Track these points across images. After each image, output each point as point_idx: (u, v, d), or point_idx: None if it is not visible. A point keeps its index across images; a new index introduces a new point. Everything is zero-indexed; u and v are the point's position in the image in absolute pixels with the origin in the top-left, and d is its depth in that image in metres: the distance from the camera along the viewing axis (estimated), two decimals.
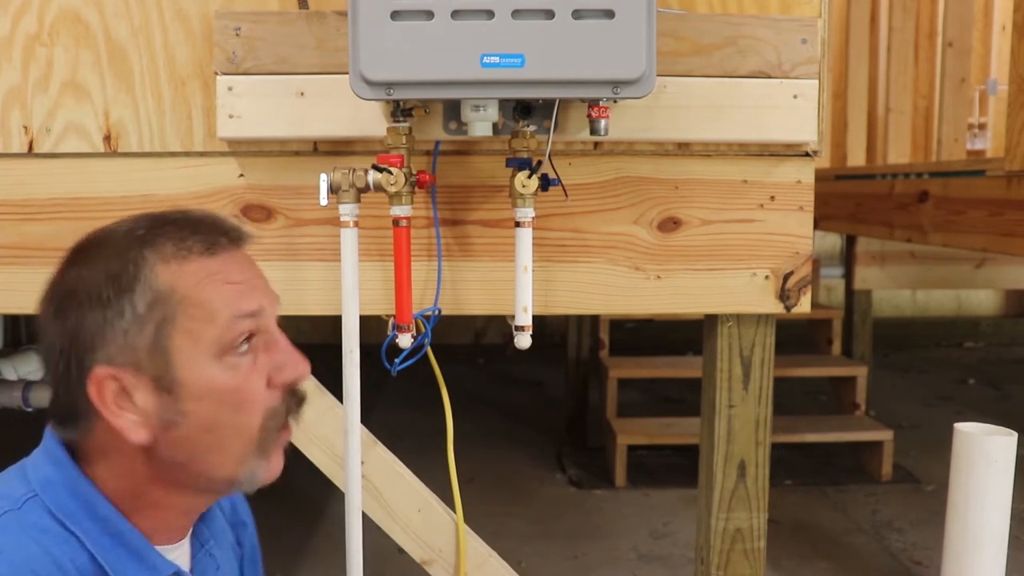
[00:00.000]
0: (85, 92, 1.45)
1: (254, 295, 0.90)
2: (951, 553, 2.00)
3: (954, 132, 3.96)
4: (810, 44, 1.43)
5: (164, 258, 0.87)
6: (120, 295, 0.85)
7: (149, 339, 0.85)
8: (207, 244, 0.89)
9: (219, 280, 0.88)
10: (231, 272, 0.89)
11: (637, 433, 3.61)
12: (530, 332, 1.43)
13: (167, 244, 0.88)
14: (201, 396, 0.86)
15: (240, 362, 0.87)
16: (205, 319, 0.86)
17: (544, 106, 1.36)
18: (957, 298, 6.77)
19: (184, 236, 0.89)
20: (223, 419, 0.87)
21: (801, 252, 1.51)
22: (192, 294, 0.86)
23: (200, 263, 0.88)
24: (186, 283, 0.86)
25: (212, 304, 0.86)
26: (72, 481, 0.88)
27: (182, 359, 0.85)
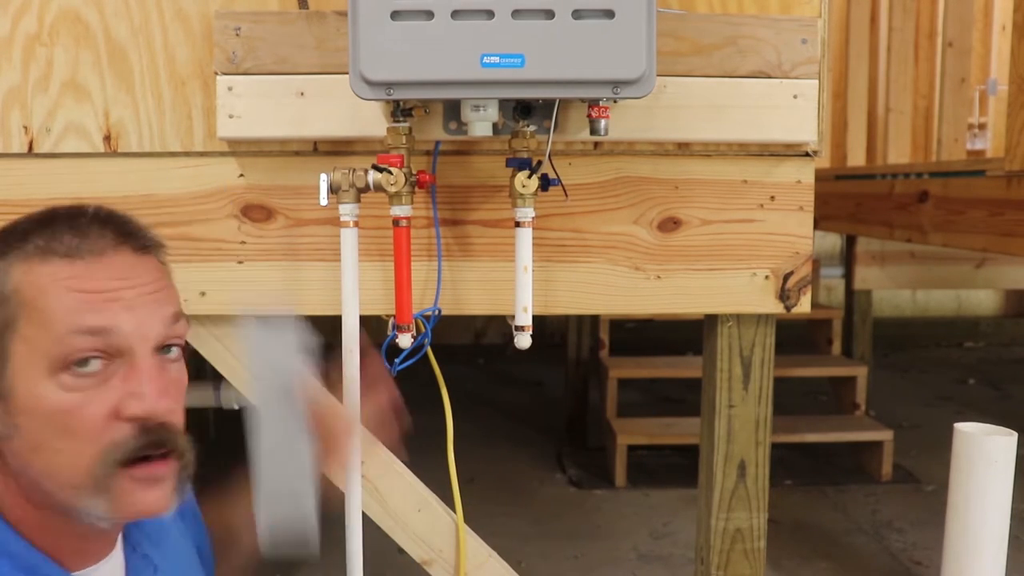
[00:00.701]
0: (85, 92, 1.45)
1: (109, 309, 0.79)
2: (951, 553, 2.00)
3: (954, 132, 3.96)
4: (810, 44, 1.43)
5: (25, 256, 0.80)
6: None
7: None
8: (73, 246, 0.80)
9: (68, 287, 0.79)
10: (91, 280, 0.79)
11: (637, 433, 3.61)
12: (530, 332, 1.43)
13: (36, 241, 0.80)
14: (29, 411, 0.78)
15: (78, 383, 0.78)
16: (41, 328, 0.78)
17: (544, 106, 1.36)
18: (957, 298, 6.77)
19: (56, 235, 0.81)
20: (49, 442, 0.78)
21: (801, 252, 1.51)
22: (34, 298, 0.78)
23: (56, 266, 0.79)
24: (33, 285, 0.79)
25: (50, 312, 0.78)
26: None
27: (16, 367, 0.79)
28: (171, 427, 0.83)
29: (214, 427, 3.89)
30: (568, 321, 4.08)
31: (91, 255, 0.81)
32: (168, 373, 0.84)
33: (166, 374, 0.83)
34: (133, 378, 0.80)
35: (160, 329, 0.83)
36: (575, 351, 4.05)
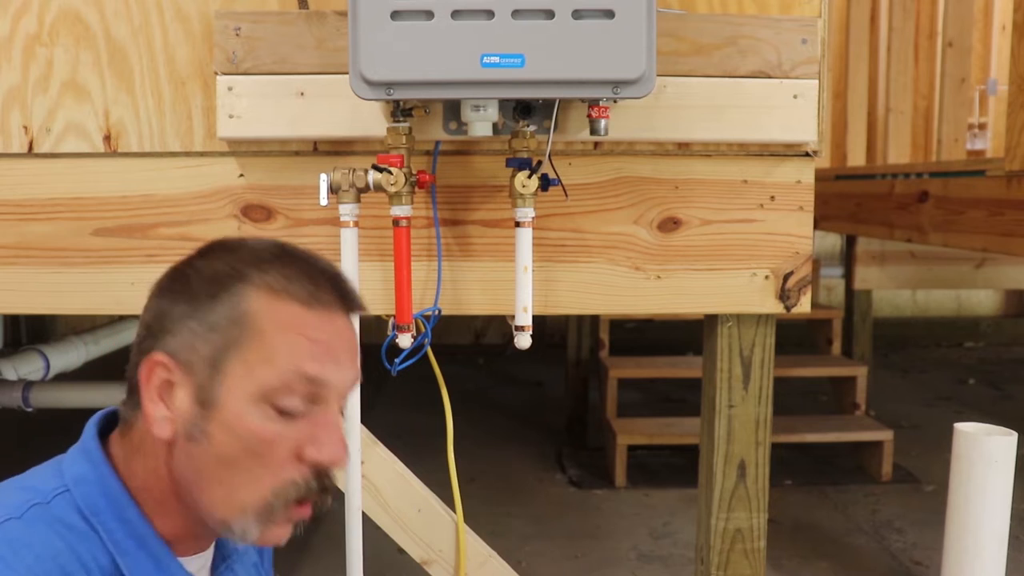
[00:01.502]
0: (85, 92, 1.45)
1: (327, 364, 0.87)
2: (951, 553, 2.00)
3: (954, 132, 3.96)
4: (810, 44, 1.43)
5: (265, 286, 0.86)
6: (210, 299, 0.86)
7: (211, 350, 0.85)
8: (311, 295, 0.87)
9: (300, 333, 0.86)
10: (318, 331, 0.87)
11: (637, 433, 3.61)
12: (530, 332, 1.43)
13: (276, 276, 0.87)
14: (228, 427, 0.84)
15: (278, 418, 0.85)
16: (265, 360, 0.85)
17: (544, 106, 1.36)
18: (957, 298, 6.77)
19: (295, 277, 0.88)
20: (238, 460, 0.85)
21: (801, 252, 1.51)
22: (268, 332, 0.85)
23: (293, 309, 0.86)
24: (269, 319, 0.86)
25: (279, 350, 0.85)
26: (104, 480, 0.88)
27: (229, 384, 0.85)
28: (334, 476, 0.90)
29: None
30: (568, 321, 4.08)
31: (323, 309, 0.88)
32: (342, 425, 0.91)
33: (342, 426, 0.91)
34: (323, 427, 0.87)
35: (349, 389, 0.91)
36: (575, 351, 4.05)
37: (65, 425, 1.34)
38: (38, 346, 2.42)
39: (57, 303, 1.49)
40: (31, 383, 2.22)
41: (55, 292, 1.48)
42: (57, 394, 2.25)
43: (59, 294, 1.48)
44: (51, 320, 5.53)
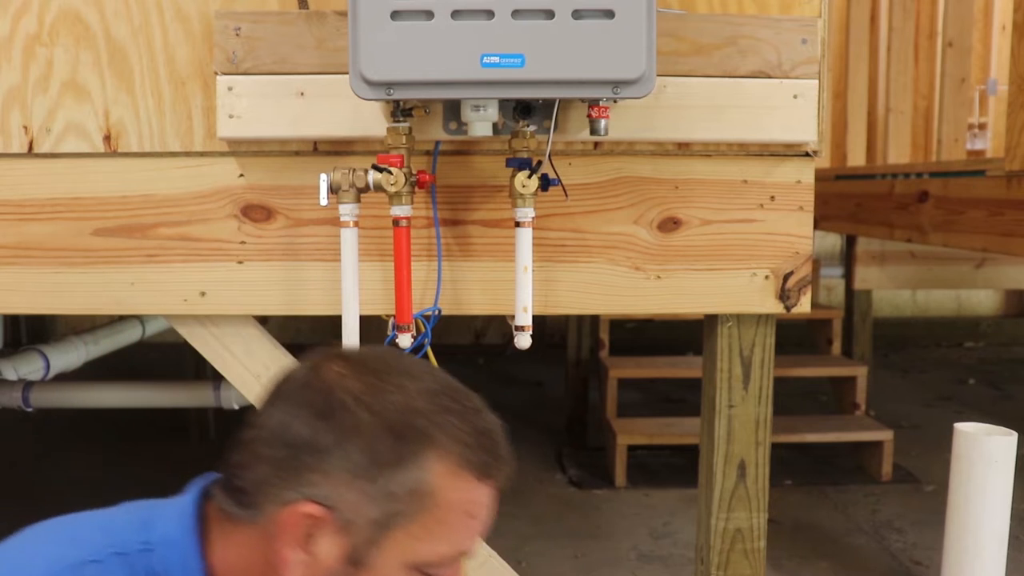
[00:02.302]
0: (85, 92, 1.45)
1: (477, 537, 0.87)
2: (951, 553, 2.00)
3: (954, 132, 3.96)
4: (810, 44, 1.43)
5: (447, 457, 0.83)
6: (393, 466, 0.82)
7: (379, 515, 0.82)
8: (485, 471, 0.85)
9: (469, 513, 0.85)
10: (481, 509, 0.86)
11: (637, 433, 3.61)
12: (530, 332, 1.43)
13: (455, 443, 0.84)
14: None
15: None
16: (433, 537, 0.83)
17: (544, 106, 1.36)
18: (957, 298, 6.77)
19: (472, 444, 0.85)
20: None
21: (801, 252, 1.51)
22: (442, 509, 0.83)
23: (471, 487, 0.85)
24: (447, 498, 0.83)
25: (450, 530, 0.84)
26: (188, 554, 0.86)
27: (387, 549, 0.82)
28: None
29: (214, 427, 3.89)
30: (568, 321, 4.08)
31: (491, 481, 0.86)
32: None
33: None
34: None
35: None
36: (575, 351, 4.05)
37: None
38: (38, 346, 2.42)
39: (57, 303, 1.49)
40: (31, 383, 2.22)
41: (55, 292, 1.48)
42: (57, 394, 2.25)
43: (59, 294, 1.48)
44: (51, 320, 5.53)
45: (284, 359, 1.55)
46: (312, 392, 0.85)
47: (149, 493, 1.01)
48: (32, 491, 3.25)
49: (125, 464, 3.56)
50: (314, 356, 0.89)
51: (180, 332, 1.54)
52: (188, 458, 3.74)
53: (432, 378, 0.88)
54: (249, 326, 1.54)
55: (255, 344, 1.54)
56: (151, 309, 1.50)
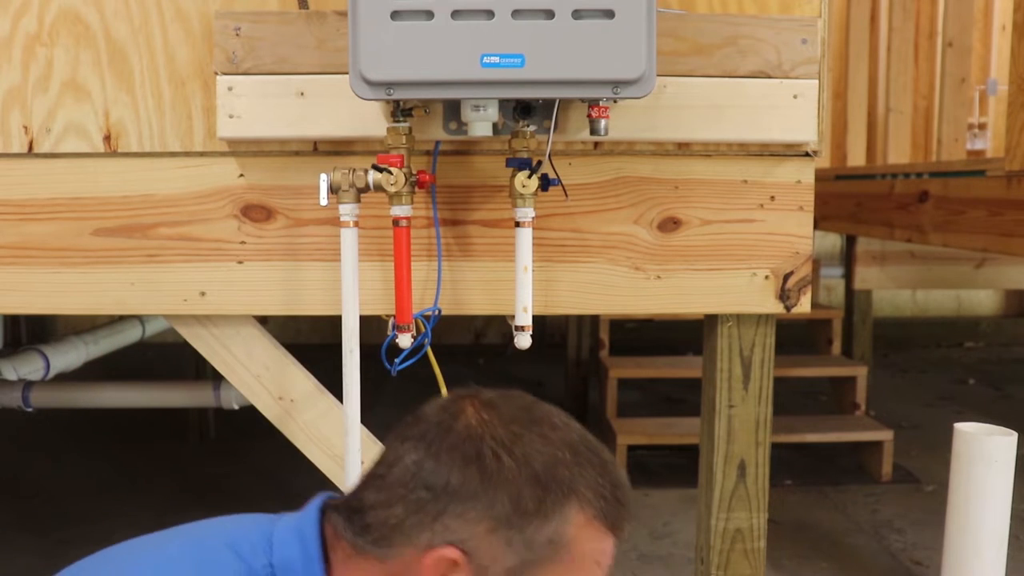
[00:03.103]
0: (85, 92, 1.45)
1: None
2: (951, 553, 2.00)
3: (954, 132, 3.96)
4: (810, 44, 1.43)
5: (586, 509, 0.84)
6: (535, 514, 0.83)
7: (516, 564, 0.83)
8: (616, 523, 0.87)
9: (598, 563, 0.86)
10: (607, 559, 0.87)
11: (637, 433, 3.61)
12: (530, 332, 1.43)
13: (595, 499, 0.85)
14: None
15: None
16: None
17: (544, 106, 1.36)
18: (957, 298, 6.77)
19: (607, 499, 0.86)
20: None
21: (801, 252, 1.51)
22: (576, 560, 0.84)
23: (602, 538, 0.86)
24: (581, 548, 0.84)
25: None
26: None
27: None
28: None
29: (214, 427, 3.89)
30: (568, 321, 4.08)
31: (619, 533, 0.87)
32: None
33: None
34: None
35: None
36: (575, 351, 4.05)
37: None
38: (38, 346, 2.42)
39: (57, 303, 1.49)
40: (31, 383, 2.22)
41: (55, 292, 1.48)
42: (57, 394, 2.26)
43: (59, 294, 1.48)
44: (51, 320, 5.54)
45: (284, 359, 1.55)
46: (455, 436, 0.85)
47: (150, 493, 1.01)
48: (32, 491, 3.25)
49: (125, 464, 3.56)
50: (449, 397, 0.90)
51: (180, 332, 1.54)
52: (188, 458, 3.74)
53: (570, 429, 0.89)
54: (249, 326, 1.54)
55: (255, 344, 1.54)
56: (151, 309, 1.50)
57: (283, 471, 3.34)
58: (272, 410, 1.56)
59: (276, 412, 1.55)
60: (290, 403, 1.55)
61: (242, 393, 1.56)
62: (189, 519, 1.25)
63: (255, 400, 1.56)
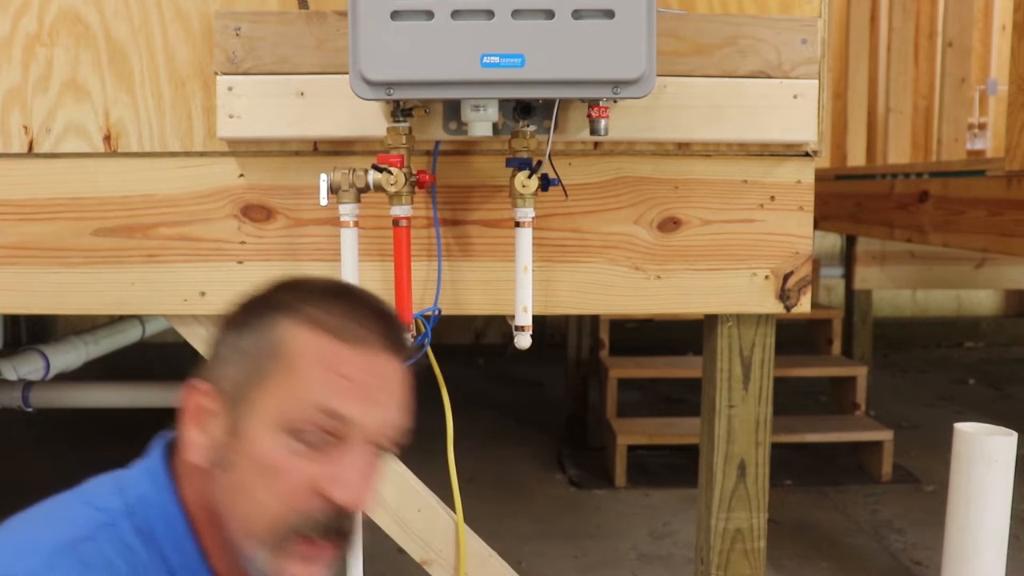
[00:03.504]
0: (85, 92, 1.45)
1: (357, 403, 0.85)
2: (951, 553, 2.00)
3: (954, 132, 3.96)
4: (810, 44, 1.43)
5: (303, 319, 0.86)
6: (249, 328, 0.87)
7: (243, 379, 0.86)
8: (352, 333, 0.86)
9: (331, 368, 0.85)
10: (351, 368, 0.85)
11: (637, 433, 3.61)
12: (530, 332, 1.43)
13: (320, 311, 0.87)
14: (248, 454, 0.84)
15: (298, 449, 0.84)
16: (290, 391, 0.84)
17: (544, 106, 1.36)
18: (957, 298, 6.77)
19: (341, 314, 0.87)
20: (253, 488, 0.84)
21: (801, 252, 1.51)
22: (298, 364, 0.85)
23: (328, 344, 0.85)
24: (300, 351, 0.85)
25: (307, 383, 0.84)
26: (166, 505, 0.89)
27: (254, 412, 0.85)
28: (355, 517, 0.88)
29: None
30: (568, 321, 4.08)
31: (361, 345, 0.86)
32: (374, 469, 0.88)
33: (372, 469, 0.88)
34: (346, 465, 0.84)
35: (385, 433, 0.88)
36: (575, 351, 4.05)
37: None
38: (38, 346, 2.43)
39: (57, 303, 1.49)
40: (31, 383, 2.22)
41: (55, 292, 1.48)
42: (57, 394, 2.26)
43: (59, 294, 1.48)
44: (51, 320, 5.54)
45: None
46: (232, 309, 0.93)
47: None
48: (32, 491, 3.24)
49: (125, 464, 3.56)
50: None
51: (180, 332, 1.54)
52: None
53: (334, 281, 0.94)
54: None
55: None
56: (151, 309, 1.50)
57: None
58: None
59: None
60: None
61: None
62: None
63: None
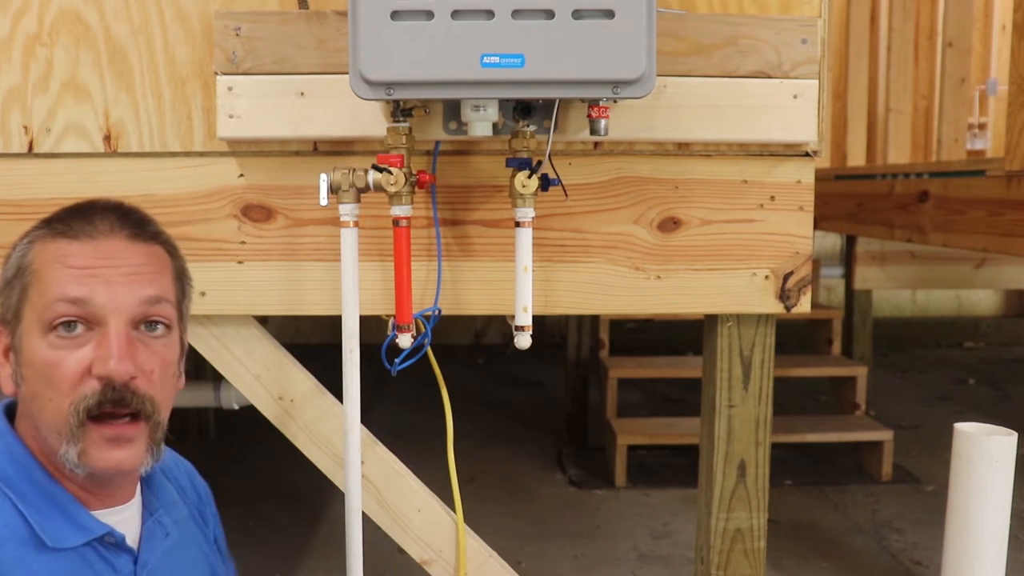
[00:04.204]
0: (85, 92, 1.45)
1: (88, 283, 0.93)
2: (951, 553, 2.00)
3: (954, 132, 3.96)
4: (810, 44, 1.43)
5: (43, 235, 0.96)
6: (11, 260, 0.97)
7: (12, 304, 0.96)
8: (73, 229, 0.95)
9: (61, 263, 0.94)
10: (79, 258, 0.94)
11: (637, 433, 3.61)
12: (530, 332, 1.43)
13: (55, 223, 0.97)
14: (28, 364, 0.94)
15: (62, 343, 0.93)
16: (40, 295, 0.94)
17: (544, 106, 1.36)
18: (957, 298, 6.78)
19: (70, 219, 0.96)
20: (40, 391, 0.93)
21: (801, 252, 1.51)
22: (39, 270, 0.95)
23: (59, 245, 0.95)
24: (40, 260, 0.95)
25: (46, 282, 0.94)
26: (10, 448, 0.96)
27: (24, 327, 0.95)
28: (136, 390, 0.94)
29: (214, 427, 3.89)
30: (568, 321, 4.08)
31: (87, 237, 0.95)
32: (148, 347, 0.96)
33: (143, 346, 0.96)
34: (103, 344, 0.93)
35: (135, 306, 0.95)
36: (575, 351, 4.05)
37: None
38: None
39: None
40: None
41: None
42: None
43: None
44: None
45: (284, 359, 1.55)
46: None
47: None
48: None
49: None
50: None
51: None
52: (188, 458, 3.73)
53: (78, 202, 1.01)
54: (249, 326, 1.54)
55: (255, 344, 1.54)
56: None
57: (283, 471, 3.34)
58: (272, 410, 1.56)
59: (276, 412, 1.56)
60: (290, 403, 1.55)
61: (242, 393, 1.56)
62: None
63: (255, 400, 1.56)
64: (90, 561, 0.95)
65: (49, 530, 0.92)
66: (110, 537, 0.97)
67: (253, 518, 3.05)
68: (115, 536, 0.97)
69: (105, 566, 0.97)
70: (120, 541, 0.98)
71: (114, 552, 0.98)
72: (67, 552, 0.93)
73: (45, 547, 0.92)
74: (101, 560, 0.96)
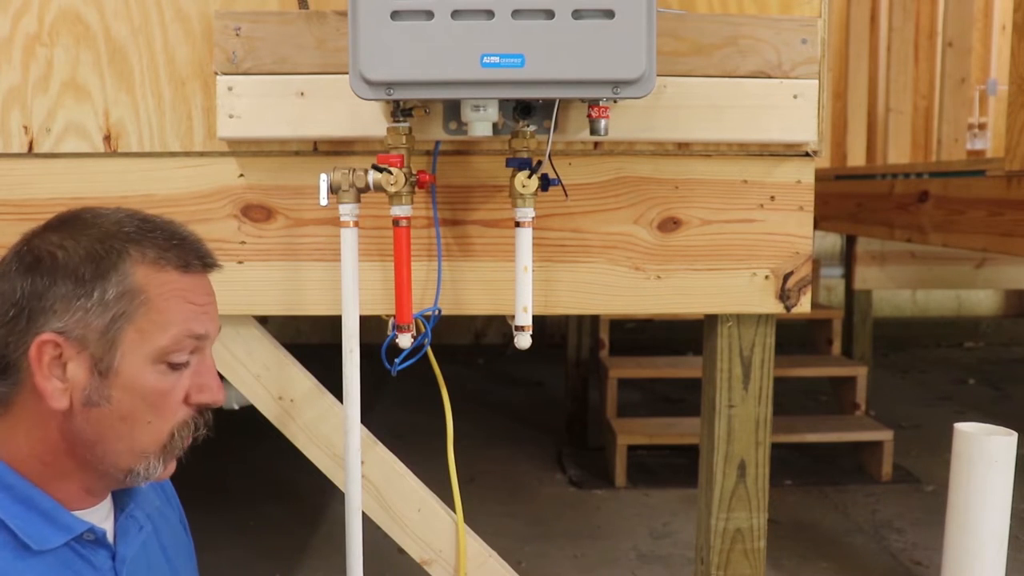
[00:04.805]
0: (85, 92, 1.45)
1: (205, 321, 1.00)
2: (951, 553, 2.00)
3: (954, 132, 3.96)
4: (810, 44, 1.43)
5: (144, 260, 0.96)
6: (95, 278, 0.94)
7: (104, 324, 0.94)
8: (183, 262, 0.99)
9: (184, 298, 0.98)
10: (196, 294, 0.99)
11: (637, 433, 3.61)
12: (530, 332, 1.43)
13: (150, 248, 0.97)
14: (129, 388, 0.95)
15: (171, 372, 0.97)
16: (159, 326, 0.95)
17: (544, 106, 1.36)
18: (957, 298, 6.78)
19: (166, 247, 0.98)
20: (140, 415, 0.96)
21: (801, 252, 1.51)
22: (157, 301, 0.96)
23: (173, 276, 0.98)
24: (156, 290, 0.96)
25: (170, 316, 0.96)
26: None
27: (125, 351, 0.94)
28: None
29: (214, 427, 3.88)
30: (568, 321, 4.08)
31: (193, 272, 1.00)
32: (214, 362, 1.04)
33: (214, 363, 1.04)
34: (203, 373, 1.01)
35: (217, 336, 1.04)
36: (575, 351, 4.05)
37: None
38: None
39: None
40: None
41: None
42: None
43: None
44: None
45: (284, 359, 1.55)
46: (13, 256, 0.97)
47: None
48: None
49: None
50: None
51: None
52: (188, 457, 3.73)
53: (124, 213, 1.01)
54: (249, 326, 1.54)
55: (255, 344, 1.54)
56: None
57: (283, 471, 3.34)
58: (272, 410, 1.56)
59: (276, 412, 1.56)
60: (290, 403, 1.55)
61: (242, 393, 1.56)
62: (189, 518, 1.26)
63: (255, 400, 1.56)
64: (69, 561, 0.96)
65: (32, 533, 0.93)
66: (89, 534, 0.98)
67: (253, 518, 3.05)
68: (95, 532, 0.99)
69: (84, 564, 0.98)
70: (101, 537, 1.00)
71: (92, 549, 0.99)
72: (45, 555, 0.94)
73: (29, 551, 0.93)
74: (80, 559, 0.98)
